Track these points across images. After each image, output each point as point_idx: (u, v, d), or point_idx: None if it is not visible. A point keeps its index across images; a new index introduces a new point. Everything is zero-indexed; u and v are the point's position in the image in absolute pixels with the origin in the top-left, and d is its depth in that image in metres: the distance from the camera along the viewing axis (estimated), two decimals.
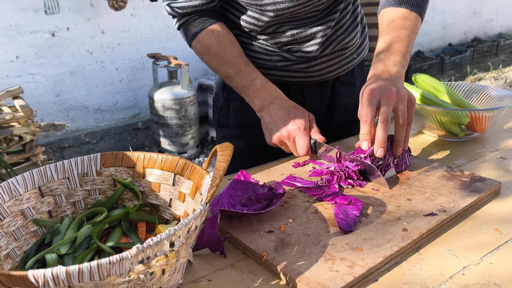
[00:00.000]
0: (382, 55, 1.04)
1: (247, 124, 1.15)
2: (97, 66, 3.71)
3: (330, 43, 1.17)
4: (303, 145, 1.02)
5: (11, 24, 3.29)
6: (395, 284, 0.67)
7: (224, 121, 1.30)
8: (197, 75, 4.20)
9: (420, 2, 1.10)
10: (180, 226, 0.54)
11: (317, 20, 1.13)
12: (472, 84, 1.32)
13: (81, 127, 3.79)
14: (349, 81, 1.28)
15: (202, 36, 1.11)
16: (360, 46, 1.27)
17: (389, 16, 1.09)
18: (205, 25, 1.11)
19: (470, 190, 0.89)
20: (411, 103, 0.96)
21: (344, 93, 1.28)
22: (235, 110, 1.26)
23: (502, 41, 6.53)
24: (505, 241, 0.76)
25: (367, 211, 0.83)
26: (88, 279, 0.48)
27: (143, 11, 3.82)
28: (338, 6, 1.15)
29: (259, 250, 0.72)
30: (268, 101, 1.09)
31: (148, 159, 0.78)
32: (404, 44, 1.05)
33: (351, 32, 1.20)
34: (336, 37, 1.17)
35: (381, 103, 0.94)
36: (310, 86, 1.22)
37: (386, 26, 1.08)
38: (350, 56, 1.23)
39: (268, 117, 1.08)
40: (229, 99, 1.26)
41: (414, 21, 1.08)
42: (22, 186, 0.71)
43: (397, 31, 1.06)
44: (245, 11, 1.12)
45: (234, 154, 1.26)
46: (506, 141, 1.17)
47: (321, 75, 1.20)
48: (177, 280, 0.64)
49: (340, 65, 1.22)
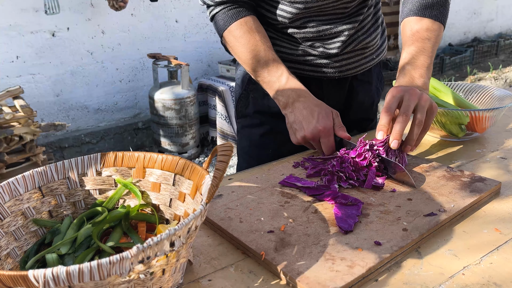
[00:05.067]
0: (408, 67, 1.06)
1: (267, 112, 1.17)
2: (97, 66, 3.71)
3: (351, 41, 1.20)
4: (328, 145, 1.03)
5: (11, 24, 3.29)
6: (395, 284, 0.67)
7: (243, 111, 1.32)
8: (197, 75, 4.20)
9: (443, 11, 1.11)
10: (180, 226, 0.54)
11: (344, 18, 1.17)
12: (472, 84, 1.32)
13: (81, 127, 3.79)
14: (366, 80, 1.31)
15: (234, 27, 1.13)
16: (380, 48, 1.31)
17: (413, 26, 1.10)
18: (239, 16, 1.13)
19: (470, 190, 0.89)
20: (432, 110, 0.98)
21: (360, 90, 1.31)
22: (255, 99, 1.28)
23: (502, 41, 6.53)
24: (505, 241, 0.76)
25: (367, 211, 0.83)
26: (89, 279, 0.48)
27: (143, 11, 3.82)
28: (364, 8, 1.19)
29: (259, 250, 0.72)
30: (292, 99, 1.09)
31: (148, 159, 0.78)
32: (429, 55, 1.07)
33: (372, 33, 1.24)
34: (357, 36, 1.21)
35: (404, 100, 0.97)
36: (329, 81, 1.25)
37: (411, 37, 1.09)
38: (370, 56, 1.27)
39: (292, 116, 1.08)
40: (249, 89, 1.28)
41: (437, 31, 1.10)
42: (22, 186, 0.71)
43: (422, 42, 1.07)
44: (275, 3, 1.14)
45: (254, 143, 1.31)
46: (506, 141, 1.17)
47: (341, 72, 1.23)
48: (177, 280, 0.64)
49: (359, 63, 1.25)
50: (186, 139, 3.66)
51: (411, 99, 0.96)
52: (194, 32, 4.13)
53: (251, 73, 1.16)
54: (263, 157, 1.14)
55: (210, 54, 4.27)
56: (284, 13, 1.14)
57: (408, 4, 1.13)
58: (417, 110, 0.97)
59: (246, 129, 1.32)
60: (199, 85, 3.88)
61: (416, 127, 0.97)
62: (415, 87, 1.01)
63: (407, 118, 0.95)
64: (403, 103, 0.97)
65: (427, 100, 0.97)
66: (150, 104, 3.62)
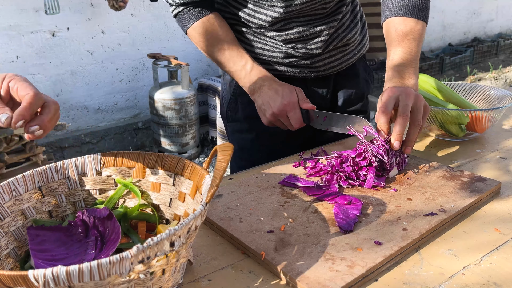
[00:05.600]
0: (397, 68, 1.07)
1: (256, 117, 1.18)
2: (97, 66, 3.71)
3: (332, 40, 1.22)
4: (295, 117, 1.10)
5: (11, 24, 3.29)
6: (395, 284, 0.67)
7: (233, 116, 1.35)
8: (197, 75, 4.20)
9: (425, 8, 1.12)
10: (180, 226, 0.54)
11: (323, 18, 1.18)
12: (472, 84, 1.32)
13: (82, 127, 3.79)
14: (351, 73, 1.32)
15: (197, 24, 1.18)
16: (361, 43, 1.32)
17: (397, 27, 1.11)
18: (201, 15, 1.18)
19: (470, 190, 0.89)
20: (426, 110, 1.00)
21: (347, 84, 1.32)
22: (243, 104, 1.30)
23: (502, 41, 6.53)
24: (505, 241, 0.76)
25: (367, 211, 0.83)
26: (89, 279, 0.48)
27: (143, 11, 3.82)
28: (343, 7, 1.21)
29: (259, 250, 0.73)
30: (259, 85, 1.14)
31: (148, 159, 0.78)
32: (415, 55, 1.08)
33: (351, 29, 1.25)
34: (338, 34, 1.22)
35: (400, 100, 0.97)
36: (313, 80, 1.27)
37: (396, 38, 1.10)
38: (351, 52, 1.28)
39: (260, 99, 1.14)
40: (237, 94, 1.31)
41: (421, 30, 1.11)
42: (22, 186, 0.71)
43: (408, 43, 1.08)
44: (254, 7, 1.16)
45: (246, 147, 1.33)
46: (506, 141, 1.17)
47: (324, 70, 1.25)
48: (177, 280, 0.64)
49: (342, 60, 1.27)
50: (186, 139, 3.66)
51: (408, 100, 0.97)
52: None
53: (218, 65, 1.22)
54: (255, 161, 1.15)
55: None
56: (264, 16, 1.15)
57: (389, 4, 1.14)
58: (414, 111, 0.97)
59: (237, 134, 1.34)
60: (199, 85, 3.87)
61: (414, 128, 0.98)
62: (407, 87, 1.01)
63: (407, 118, 0.96)
64: (400, 103, 0.97)
65: (421, 100, 0.99)
66: (150, 104, 3.62)
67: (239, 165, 1.32)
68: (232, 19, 1.22)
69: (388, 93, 0.99)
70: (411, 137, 0.98)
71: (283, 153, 1.14)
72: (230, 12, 1.22)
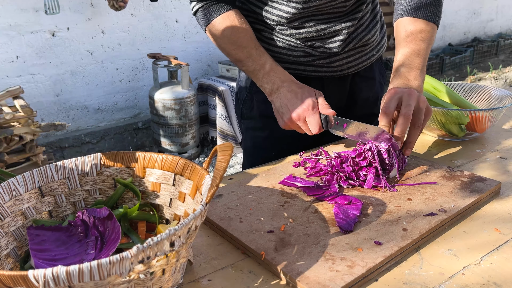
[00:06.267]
0: (403, 69, 1.06)
1: (271, 116, 1.18)
2: (97, 66, 3.71)
3: (351, 40, 1.20)
4: (314, 123, 1.05)
5: (11, 24, 3.29)
6: (395, 284, 0.67)
7: (248, 113, 1.33)
8: (197, 75, 4.20)
9: (436, 11, 1.11)
10: (180, 226, 0.54)
11: (342, 17, 1.17)
12: (472, 84, 1.32)
13: (82, 127, 3.79)
14: (369, 75, 1.32)
15: (217, 21, 1.15)
16: (379, 43, 1.31)
17: (407, 28, 1.10)
18: (221, 11, 1.15)
19: (470, 190, 0.89)
20: (428, 112, 0.99)
21: (363, 86, 1.31)
22: (259, 102, 1.29)
23: (502, 41, 6.53)
24: (505, 241, 0.76)
25: (367, 211, 0.83)
26: (89, 279, 0.48)
27: (143, 11, 3.82)
28: (362, 5, 1.19)
29: (259, 250, 0.72)
30: (277, 85, 1.11)
31: (148, 159, 0.78)
32: (423, 57, 1.07)
33: (371, 29, 1.24)
34: (357, 34, 1.21)
35: (403, 100, 0.97)
36: (330, 80, 1.25)
37: (405, 38, 1.09)
38: (370, 52, 1.27)
39: (278, 101, 1.10)
40: (253, 92, 1.29)
41: (431, 32, 1.10)
42: (23, 186, 0.71)
43: (416, 44, 1.08)
44: (272, 3, 1.15)
45: (259, 145, 1.32)
46: (506, 141, 1.17)
47: (342, 70, 1.23)
48: (177, 280, 0.64)
49: (360, 61, 1.25)
50: (186, 139, 3.66)
51: (410, 101, 0.96)
52: (194, 32, 4.13)
53: (236, 64, 1.19)
54: (267, 159, 1.14)
55: (210, 54, 4.27)
56: (282, 12, 1.14)
57: (401, 4, 1.13)
58: (416, 112, 0.97)
59: (250, 131, 1.34)
60: (199, 85, 3.87)
61: (415, 130, 0.98)
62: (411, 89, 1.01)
63: (409, 119, 0.96)
64: (403, 104, 0.97)
65: (424, 102, 0.98)
66: (150, 104, 3.62)
67: (251, 163, 1.31)
68: (250, 17, 1.21)
69: (391, 93, 0.99)
70: (411, 139, 0.98)
71: (295, 153, 1.13)
72: (248, 10, 1.21)
